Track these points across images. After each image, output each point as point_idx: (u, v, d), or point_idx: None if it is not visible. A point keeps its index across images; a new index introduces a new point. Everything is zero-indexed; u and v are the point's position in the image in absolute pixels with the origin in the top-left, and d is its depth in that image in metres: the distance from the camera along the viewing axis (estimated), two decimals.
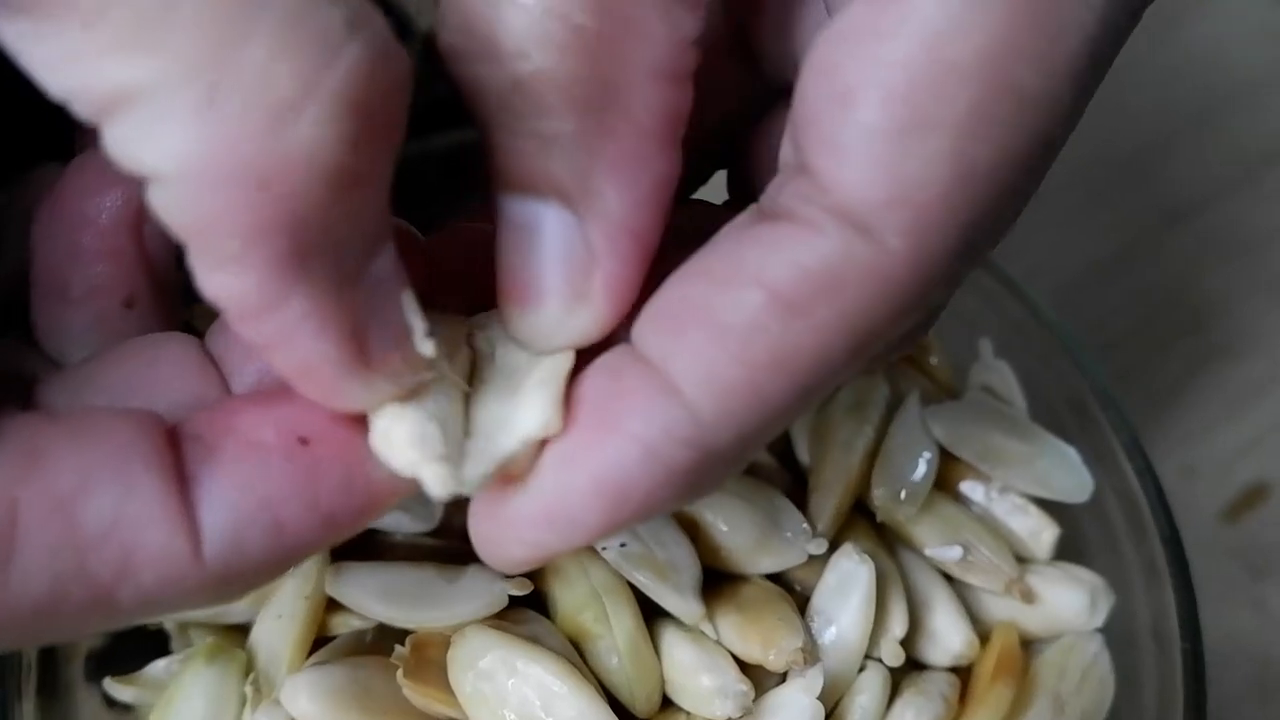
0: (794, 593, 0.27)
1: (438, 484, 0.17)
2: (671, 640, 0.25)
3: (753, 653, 0.25)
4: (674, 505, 0.19)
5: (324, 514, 0.18)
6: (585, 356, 0.19)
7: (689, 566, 0.26)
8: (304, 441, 0.18)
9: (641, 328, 0.18)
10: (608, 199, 0.18)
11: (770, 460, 0.29)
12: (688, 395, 0.17)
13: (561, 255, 0.18)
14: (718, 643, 0.25)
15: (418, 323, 0.17)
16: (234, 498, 0.17)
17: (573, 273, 0.19)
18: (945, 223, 0.17)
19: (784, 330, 0.17)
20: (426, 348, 0.17)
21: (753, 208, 0.18)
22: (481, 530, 0.19)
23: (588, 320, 0.19)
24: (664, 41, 0.18)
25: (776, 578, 0.27)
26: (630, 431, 0.17)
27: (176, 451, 0.17)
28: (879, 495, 0.28)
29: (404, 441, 0.17)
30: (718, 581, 0.26)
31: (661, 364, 0.17)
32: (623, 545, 0.25)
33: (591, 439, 0.18)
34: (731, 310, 0.17)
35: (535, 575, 0.26)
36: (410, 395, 0.18)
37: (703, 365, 0.17)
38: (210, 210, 0.15)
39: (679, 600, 0.25)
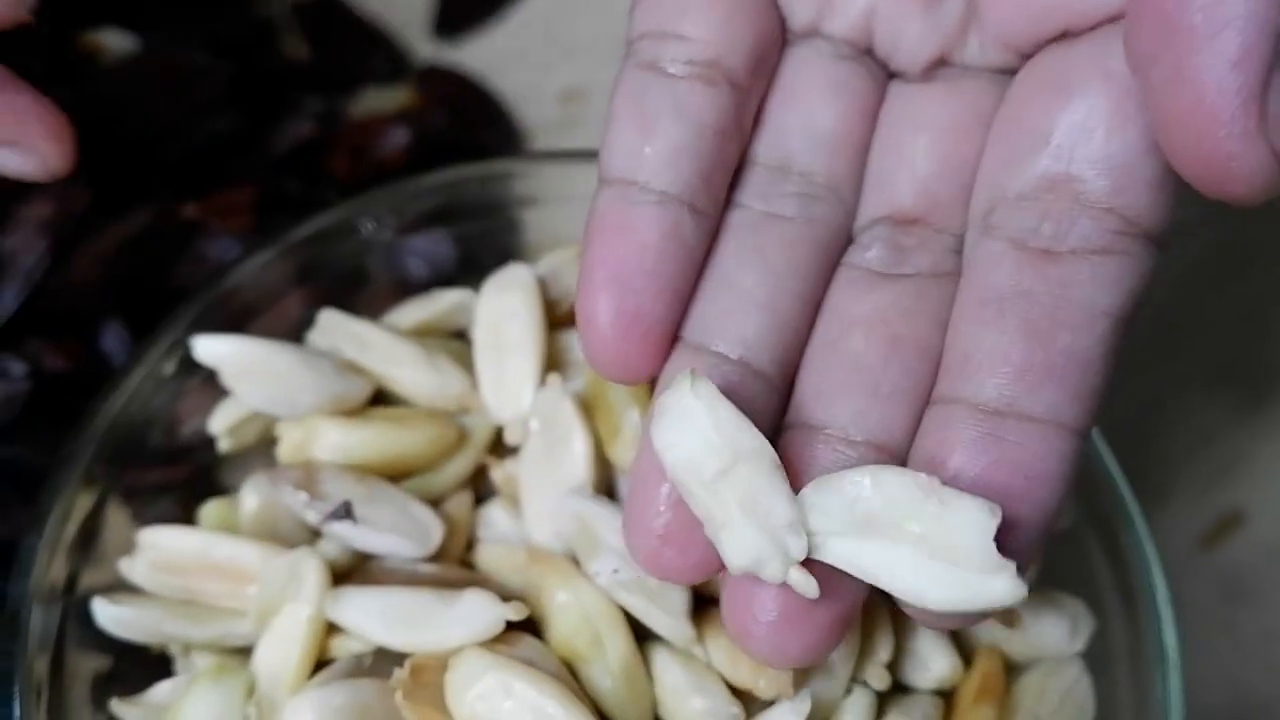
0: None
1: None
2: (663, 664, 0.26)
3: (743, 678, 0.25)
4: None
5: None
6: None
7: (679, 589, 0.26)
8: None
9: (1011, 388, 0.21)
10: None
11: None
12: (1076, 426, 0.21)
13: None
14: (708, 665, 0.26)
15: None
16: None
17: None
18: None
19: (1121, 337, 0.21)
20: None
21: (1014, 247, 0.22)
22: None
23: None
24: None
25: None
26: (1054, 474, 0.21)
27: None
28: None
29: None
30: (709, 607, 0.27)
31: (1048, 413, 0.21)
32: (615, 571, 0.26)
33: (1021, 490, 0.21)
34: (1092, 345, 0.21)
35: (530, 600, 0.26)
36: None
37: (1082, 399, 0.21)
38: None
39: (670, 622, 0.26)
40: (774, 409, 0.23)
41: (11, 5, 0.23)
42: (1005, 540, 0.20)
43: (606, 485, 0.28)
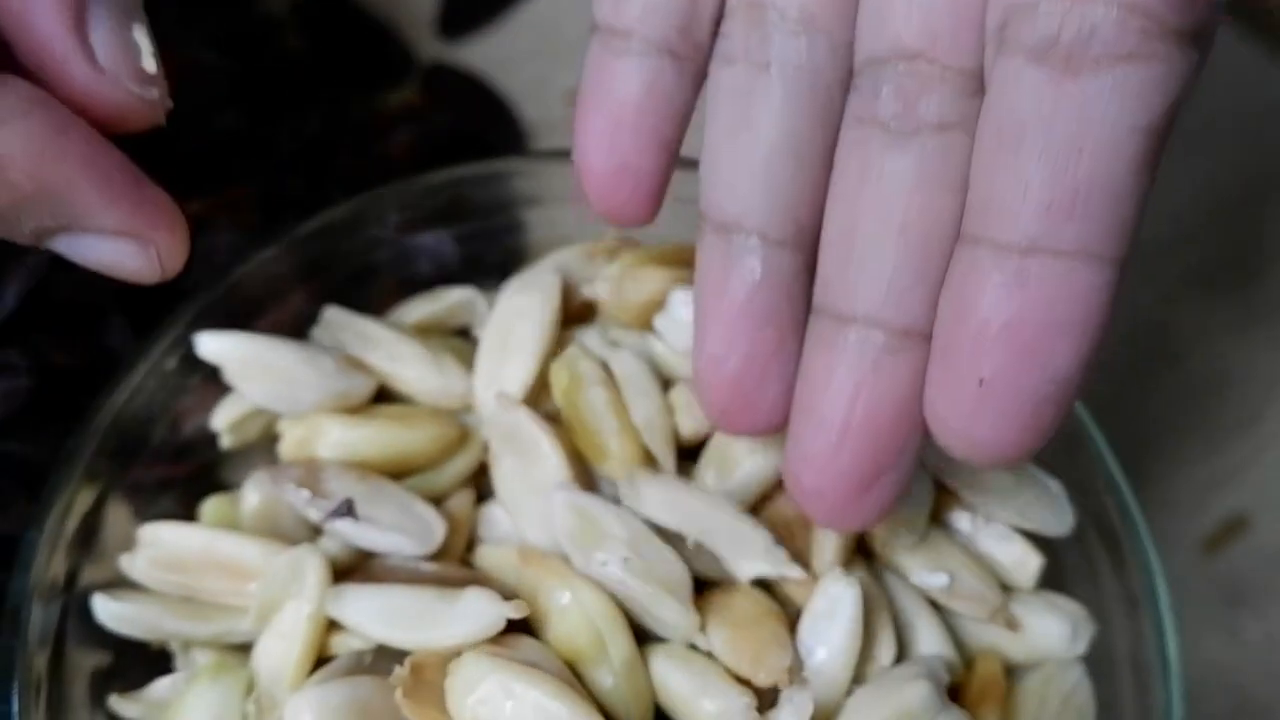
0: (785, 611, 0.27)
1: None
2: (664, 669, 0.26)
3: (743, 666, 0.25)
4: None
5: None
6: None
7: (682, 578, 0.26)
8: None
9: (1037, 225, 0.20)
10: None
11: None
12: (1110, 254, 0.20)
13: None
14: (709, 656, 0.26)
15: (145, 44, 0.21)
16: None
17: None
18: None
19: (1157, 152, 0.20)
20: (150, 65, 0.21)
21: (1033, 61, 0.20)
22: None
23: None
24: None
25: (768, 589, 0.27)
26: (1089, 309, 0.20)
27: None
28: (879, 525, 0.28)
29: None
30: (706, 591, 0.27)
31: (1078, 246, 0.20)
32: (625, 559, 0.26)
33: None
34: (1122, 167, 0.19)
35: (526, 601, 0.26)
36: None
37: (1115, 226, 0.20)
38: None
39: (678, 611, 0.26)
40: (802, 277, 0.24)
41: (153, 107, 0.22)
42: (1044, 383, 0.20)
43: (590, 489, 0.28)
